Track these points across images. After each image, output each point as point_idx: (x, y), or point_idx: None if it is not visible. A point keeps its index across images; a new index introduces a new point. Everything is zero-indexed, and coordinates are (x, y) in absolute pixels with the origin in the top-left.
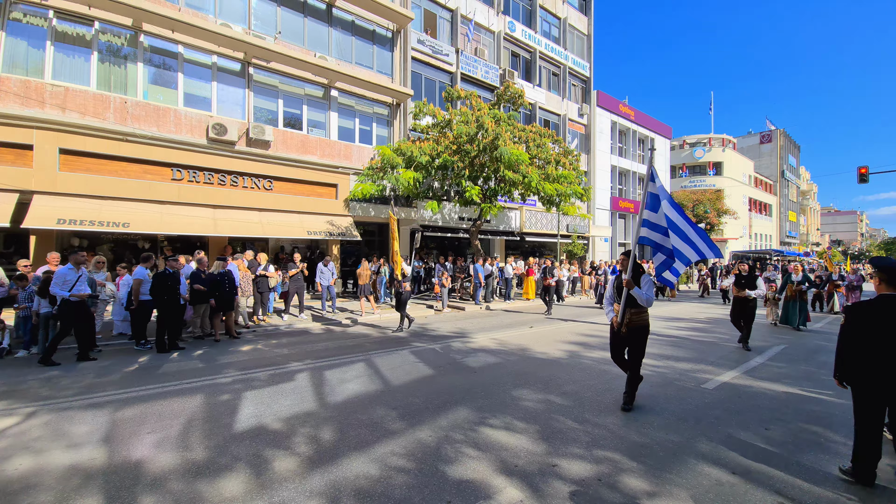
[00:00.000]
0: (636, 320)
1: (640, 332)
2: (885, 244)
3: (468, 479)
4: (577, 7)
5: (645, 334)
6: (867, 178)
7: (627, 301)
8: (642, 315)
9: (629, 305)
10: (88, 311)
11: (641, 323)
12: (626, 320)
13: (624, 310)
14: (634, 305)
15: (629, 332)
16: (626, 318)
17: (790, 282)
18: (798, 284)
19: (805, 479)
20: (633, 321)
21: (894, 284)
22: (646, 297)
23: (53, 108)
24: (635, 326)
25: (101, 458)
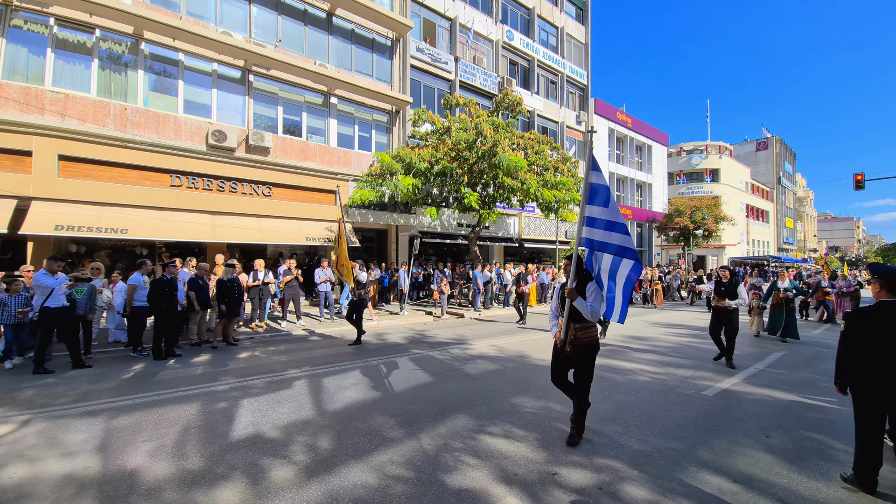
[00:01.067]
0: (581, 337)
1: (586, 351)
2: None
3: (468, 488)
4: (575, 16)
5: (592, 354)
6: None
7: (571, 314)
8: (589, 331)
9: (573, 319)
10: (71, 317)
11: (588, 340)
12: (570, 337)
13: (567, 325)
14: (579, 319)
15: (573, 350)
16: (570, 335)
17: (776, 289)
18: (785, 291)
19: (807, 487)
20: (577, 338)
21: (893, 291)
22: (590, 309)
23: (53, 115)
24: (580, 344)
25: (96, 466)
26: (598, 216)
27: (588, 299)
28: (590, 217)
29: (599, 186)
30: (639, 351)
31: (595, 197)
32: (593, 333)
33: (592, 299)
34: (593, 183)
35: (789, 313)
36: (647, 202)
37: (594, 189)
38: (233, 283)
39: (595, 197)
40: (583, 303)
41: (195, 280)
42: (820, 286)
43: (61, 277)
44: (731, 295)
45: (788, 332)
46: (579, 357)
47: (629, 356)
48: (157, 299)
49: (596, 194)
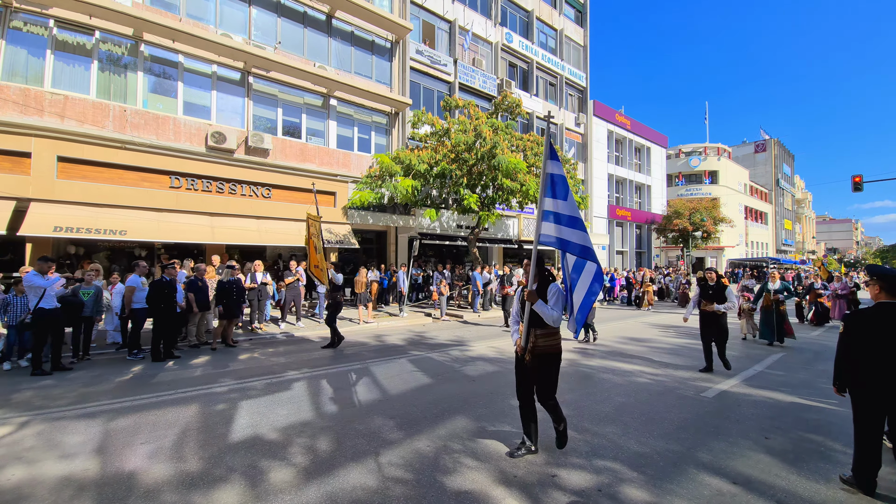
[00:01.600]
0: (542, 345)
1: (547, 360)
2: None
3: (467, 490)
4: (573, 19)
5: (553, 364)
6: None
7: (531, 319)
8: (551, 339)
9: (534, 325)
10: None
11: (549, 349)
12: (530, 345)
13: (528, 331)
14: (540, 325)
15: (533, 360)
16: (530, 342)
17: (766, 290)
18: (776, 294)
19: (806, 488)
20: (538, 346)
21: (892, 292)
22: (551, 313)
23: (52, 116)
24: (541, 353)
25: (95, 468)
26: (560, 211)
27: (549, 302)
28: (547, 211)
29: (558, 177)
30: (637, 352)
31: (555, 189)
32: (555, 341)
33: (554, 303)
34: (552, 173)
35: (779, 316)
36: (646, 204)
37: (553, 180)
38: (232, 285)
39: (555, 189)
40: (543, 306)
41: (194, 281)
42: (812, 288)
43: (53, 278)
44: (719, 298)
45: (780, 335)
46: (540, 367)
47: (628, 358)
48: (156, 301)
49: (555, 186)
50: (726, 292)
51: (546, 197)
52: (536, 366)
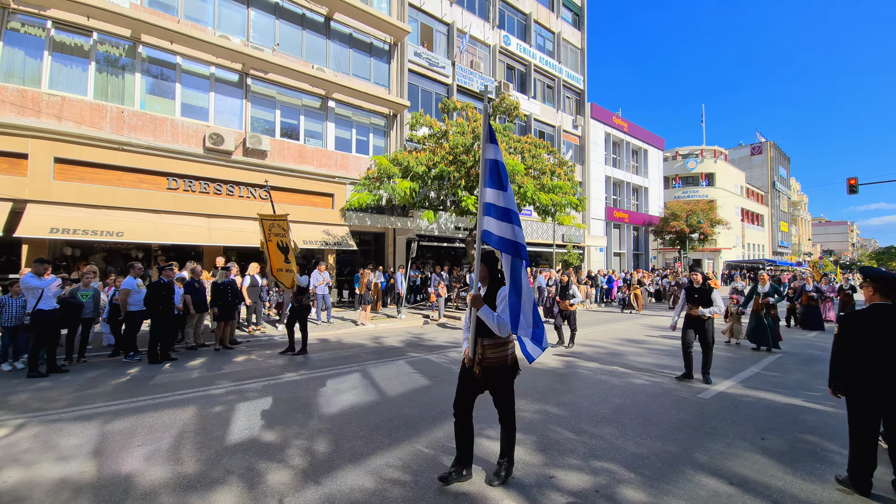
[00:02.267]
0: (491, 357)
1: (497, 374)
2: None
3: (465, 492)
4: (571, 22)
5: (506, 378)
6: (857, 189)
7: (478, 327)
8: (500, 349)
9: (481, 334)
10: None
11: (498, 361)
12: (478, 356)
13: (475, 340)
14: (488, 334)
15: (482, 373)
16: (478, 353)
17: (756, 293)
18: (765, 296)
19: (802, 489)
20: (486, 357)
21: (886, 294)
22: (497, 321)
23: (49, 118)
24: (489, 366)
25: (91, 471)
26: (501, 204)
27: (497, 308)
28: (489, 204)
29: (499, 164)
30: (634, 354)
31: (493, 177)
32: (506, 352)
33: (502, 308)
34: (491, 159)
35: (769, 320)
36: (643, 206)
37: (491, 167)
38: (226, 286)
39: (493, 177)
40: (488, 312)
41: (191, 283)
42: (804, 290)
43: (49, 279)
44: (704, 302)
45: (770, 340)
46: (493, 383)
47: (625, 359)
48: (154, 302)
49: (494, 174)
50: (713, 295)
51: (487, 187)
52: (487, 380)
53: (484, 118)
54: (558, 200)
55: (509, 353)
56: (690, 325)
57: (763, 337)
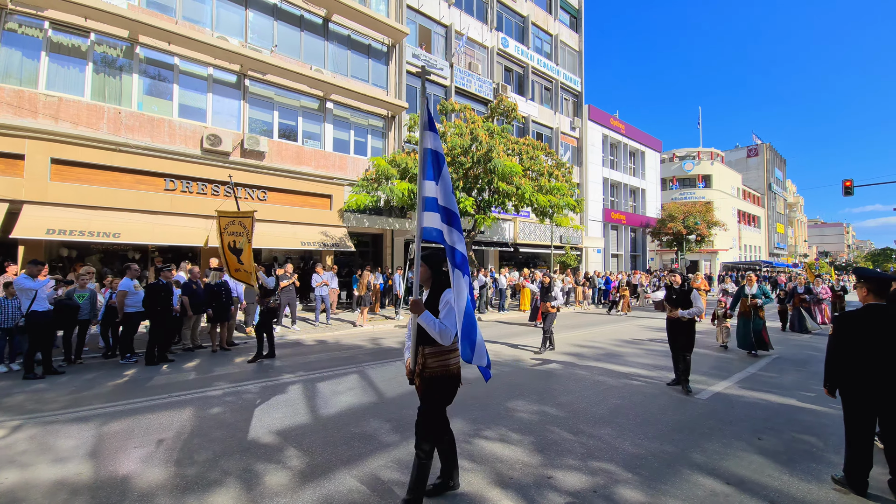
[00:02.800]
0: (433, 366)
1: (436, 384)
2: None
3: (463, 493)
4: (569, 24)
5: (444, 389)
6: (852, 191)
7: (419, 334)
8: (443, 358)
9: (422, 341)
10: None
11: (440, 371)
12: (419, 366)
13: (416, 349)
14: (429, 342)
15: (422, 384)
16: (419, 363)
17: (744, 295)
18: (753, 298)
19: (798, 488)
20: (427, 366)
21: (879, 294)
22: (438, 328)
23: (46, 118)
24: (430, 376)
25: (88, 472)
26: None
27: (441, 314)
28: (429, 198)
29: (439, 155)
30: (632, 355)
31: (434, 169)
32: (448, 361)
33: (445, 314)
34: (429, 148)
35: (757, 322)
36: (640, 207)
37: (431, 157)
38: (220, 288)
39: (434, 169)
40: (429, 319)
41: (188, 284)
42: (796, 292)
43: (43, 280)
44: (684, 304)
45: (758, 344)
46: (426, 392)
47: (623, 360)
48: (152, 304)
49: (434, 165)
50: (692, 296)
51: (426, 180)
52: (426, 392)
53: (421, 102)
54: (556, 202)
55: (452, 362)
56: (672, 328)
57: (748, 341)
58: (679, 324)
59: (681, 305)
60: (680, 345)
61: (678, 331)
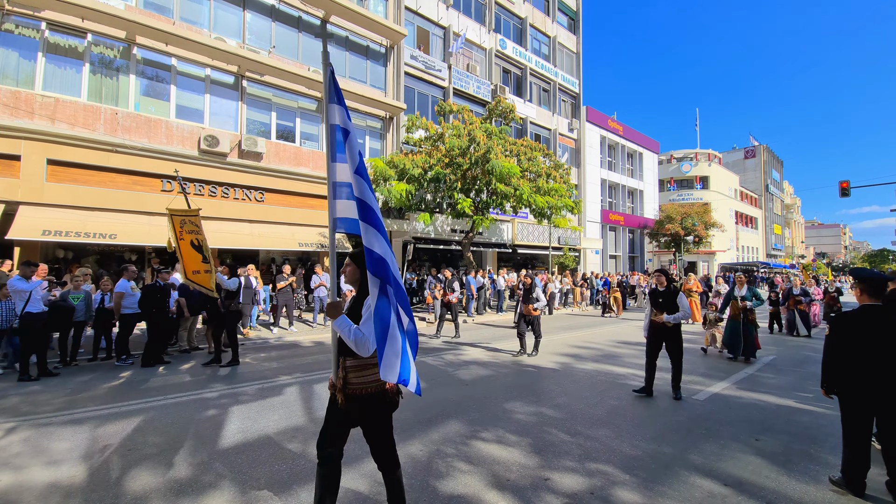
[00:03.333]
0: (356, 382)
1: (368, 406)
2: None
3: (460, 494)
4: (566, 26)
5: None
6: (849, 192)
7: (340, 344)
8: (366, 374)
9: (343, 352)
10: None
11: (365, 388)
12: (340, 381)
13: (337, 361)
14: (350, 353)
15: (346, 403)
16: (340, 378)
17: (733, 297)
18: (742, 301)
19: (796, 489)
20: (351, 383)
21: (875, 295)
22: (353, 336)
23: (43, 119)
24: (354, 394)
25: (82, 475)
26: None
27: (362, 320)
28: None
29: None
30: (630, 356)
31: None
32: (375, 376)
33: (365, 320)
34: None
35: (747, 326)
36: (638, 209)
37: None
38: None
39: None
40: (344, 324)
41: (185, 286)
42: (791, 294)
43: (36, 282)
44: (669, 307)
45: (747, 349)
46: (359, 415)
47: (621, 361)
48: (148, 305)
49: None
50: (678, 299)
51: (335, 162)
52: (353, 412)
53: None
54: (554, 203)
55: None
56: (654, 333)
57: (736, 345)
58: (663, 329)
59: (666, 309)
60: (668, 350)
61: (662, 336)
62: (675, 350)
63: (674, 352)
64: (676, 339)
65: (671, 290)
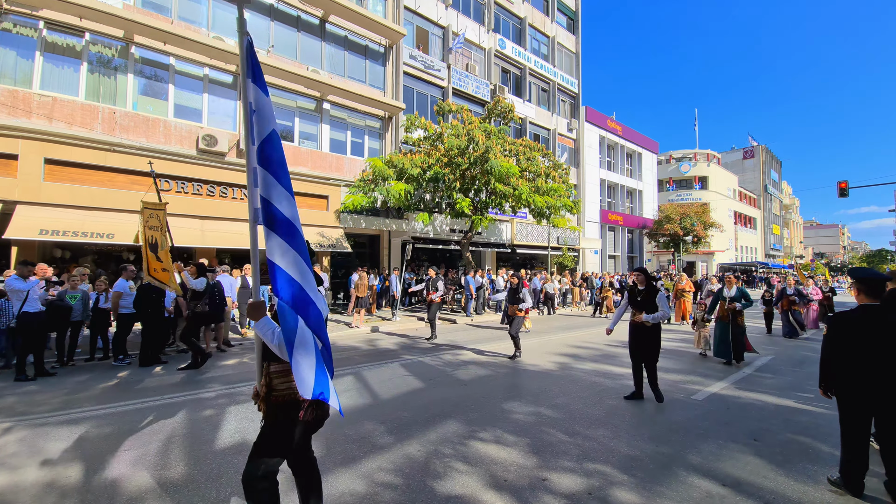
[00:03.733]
0: (281, 389)
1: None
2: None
3: (457, 495)
4: (566, 26)
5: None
6: (847, 193)
7: (263, 349)
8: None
9: (267, 357)
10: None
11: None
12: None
13: (260, 366)
14: (275, 358)
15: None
16: (263, 384)
17: (722, 298)
18: (731, 301)
19: (794, 490)
20: (276, 388)
21: (873, 294)
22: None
23: (40, 118)
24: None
25: (77, 475)
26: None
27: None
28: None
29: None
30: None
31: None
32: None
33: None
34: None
35: (736, 328)
36: (637, 209)
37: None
38: (214, 289)
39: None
40: (266, 326)
41: (182, 285)
42: (785, 294)
43: (33, 281)
44: (648, 307)
45: (736, 353)
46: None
47: (619, 360)
48: (143, 305)
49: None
50: (657, 299)
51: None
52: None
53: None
54: (553, 203)
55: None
56: (634, 333)
57: (726, 351)
58: (642, 329)
59: (645, 309)
60: (642, 353)
61: (641, 337)
62: (651, 351)
63: (649, 353)
64: (654, 341)
65: (651, 290)
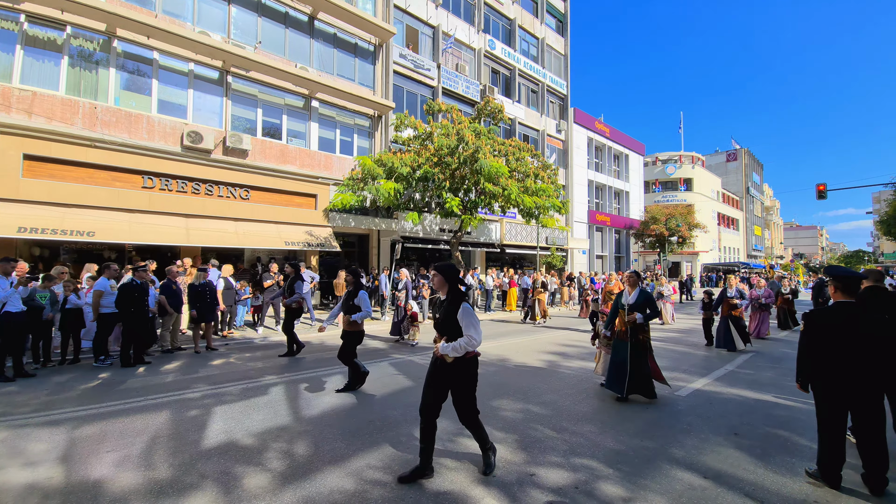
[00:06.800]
0: None
1: None
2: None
3: (446, 491)
4: (554, 28)
5: None
6: (826, 195)
7: None
8: None
9: None
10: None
11: None
12: None
13: None
14: None
15: None
16: None
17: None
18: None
19: (773, 481)
20: None
21: (848, 292)
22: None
23: (19, 113)
24: None
25: (59, 477)
26: None
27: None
28: None
29: None
30: None
31: None
32: None
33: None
34: None
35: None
36: (624, 209)
37: None
38: (204, 288)
39: None
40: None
41: (168, 285)
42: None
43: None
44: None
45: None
46: None
47: None
48: (125, 304)
49: None
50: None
51: None
52: None
53: None
54: (542, 203)
55: None
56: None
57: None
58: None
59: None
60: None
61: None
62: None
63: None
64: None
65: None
